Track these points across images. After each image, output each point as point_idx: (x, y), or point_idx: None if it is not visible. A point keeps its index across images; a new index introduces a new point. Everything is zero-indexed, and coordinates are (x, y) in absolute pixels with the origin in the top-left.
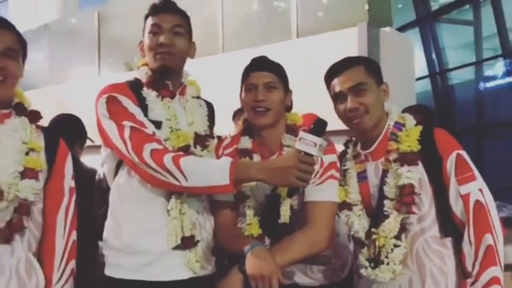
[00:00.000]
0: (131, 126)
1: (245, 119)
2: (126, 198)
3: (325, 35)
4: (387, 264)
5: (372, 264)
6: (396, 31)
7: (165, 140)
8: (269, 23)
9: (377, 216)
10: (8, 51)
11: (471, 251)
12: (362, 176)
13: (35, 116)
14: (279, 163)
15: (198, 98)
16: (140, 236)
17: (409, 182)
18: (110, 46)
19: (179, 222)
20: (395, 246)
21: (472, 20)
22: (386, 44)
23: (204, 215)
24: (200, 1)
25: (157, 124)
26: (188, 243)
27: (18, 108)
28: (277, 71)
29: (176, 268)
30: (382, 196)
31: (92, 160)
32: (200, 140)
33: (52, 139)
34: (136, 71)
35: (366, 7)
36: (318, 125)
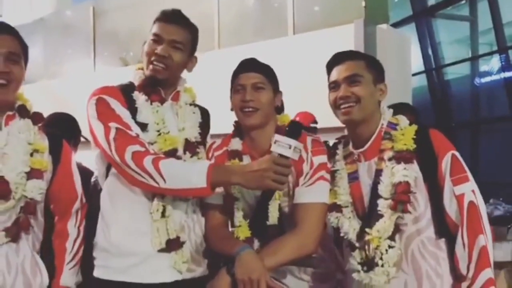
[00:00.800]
0: (117, 128)
1: (236, 121)
2: (115, 200)
3: (322, 32)
4: (382, 266)
5: (365, 268)
6: (393, 28)
7: (152, 143)
8: (265, 20)
9: (370, 217)
10: (11, 56)
11: (465, 253)
12: (353, 177)
13: (38, 118)
14: (255, 166)
15: (194, 105)
16: (127, 238)
17: (405, 180)
18: (106, 41)
19: (164, 225)
20: (390, 247)
21: (468, 16)
22: (383, 41)
23: (194, 218)
24: None
25: (144, 127)
26: (174, 246)
27: (21, 111)
28: (266, 72)
29: (163, 271)
30: (376, 196)
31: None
32: (190, 147)
33: (56, 140)
34: (132, 69)
35: (363, 4)
36: (293, 128)
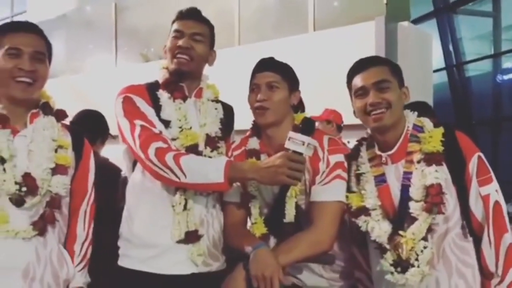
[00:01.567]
0: (141, 125)
1: (254, 120)
2: (139, 193)
3: (342, 29)
4: (418, 267)
5: (399, 269)
6: (414, 25)
7: (175, 139)
8: (286, 16)
9: (401, 219)
10: (37, 55)
11: (492, 251)
12: (381, 180)
13: (61, 115)
14: (270, 163)
15: (216, 102)
16: (149, 230)
17: (438, 182)
18: (127, 36)
19: (184, 217)
20: (424, 248)
21: (491, 11)
22: (404, 39)
23: (213, 214)
24: None
25: (167, 123)
26: (192, 238)
27: (45, 108)
28: (281, 71)
29: (181, 263)
30: (407, 198)
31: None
32: (211, 142)
33: (78, 137)
34: (152, 65)
35: (384, 1)
36: (307, 125)
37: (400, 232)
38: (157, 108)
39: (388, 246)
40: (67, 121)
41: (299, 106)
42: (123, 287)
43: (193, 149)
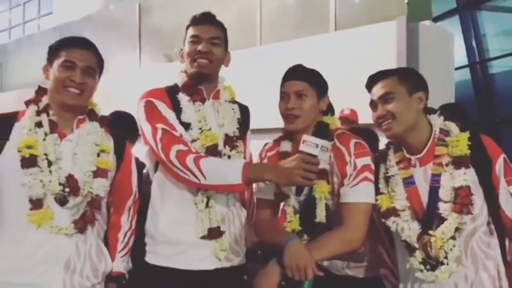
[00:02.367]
0: (163, 128)
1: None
2: (163, 193)
3: (364, 29)
4: (447, 265)
5: (428, 267)
6: (436, 24)
7: (195, 140)
8: (307, 16)
9: (430, 220)
10: (88, 69)
11: None
12: (410, 182)
13: (104, 121)
14: (285, 164)
15: (233, 102)
16: (174, 227)
17: (466, 184)
18: (151, 37)
19: (207, 215)
20: (453, 246)
21: None
22: (425, 38)
23: (233, 211)
24: None
25: (187, 125)
26: (214, 234)
27: (91, 114)
28: (310, 79)
29: (205, 259)
30: (436, 199)
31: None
32: (230, 141)
33: (120, 141)
34: (176, 65)
35: (406, 0)
36: (320, 128)
37: (430, 232)
38: (178, 111)
39: (417, 245)
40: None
41: (329, 109)
42: (151, 283)
43: (213, 149)
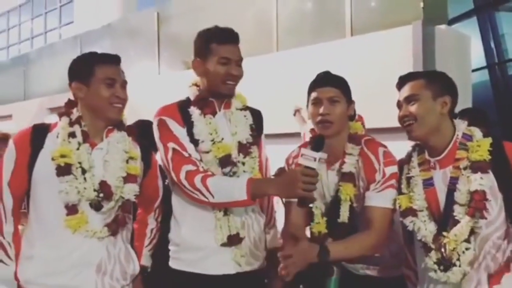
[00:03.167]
0: (173, 148)
1: (312, 129)
2: (184, 202)
3: (380, 34)
4: (459, 267)
5: (442, 267)
6: (452, 28)
7: (208, 152)
8: (323, 22)
9: (446, 221)
10: (124, 84)
11: None
12: (429, 183)
13: (131, 131)
14: (286, 178)
15: (245, 109)
16: (195, 234)
17: (482, 189)
18: (169, 45)
19: (226, 222)
20: (466, 249)
21: None
22: (442, 42)
23: (252, 217)
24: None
25: (199, 139)
26: (234, 240)
27: (119, 124)
28: (340, 86)
29: (226, 264)
30: (452, 202)
31: None
32: (243, 148)
33: (146, 150)
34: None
35: (421, 5)
36: (316, 142)
37: (444, 233)
38: (189, 125)
39: (433, 246)
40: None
41: (353, 115)
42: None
43: (226, 159)
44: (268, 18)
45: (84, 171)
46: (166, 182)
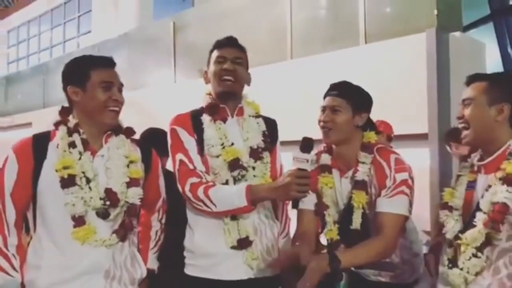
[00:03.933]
0: (180, 160)
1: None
2: (196, 210)
3: (393, 41)
4: (461, 270)
5: (450, 265)
6: (466, 35)
7: (218, 156)
8: (337, 29)
9: (469, 224)
10: (121, 86)
11: None
12: (471, 185)
13: (130, 132)
14: (281, 182)
15: (258, 117)
16: (207, 240)
17: (503, 202)
18: (185, 53)
19: (235, 226)
20: (474, 256)
21: None
22: (456, 49)
23: (265, 223)
24: (269, 8)
25: (209, 144)
26: (244, 244)
27: (117, 128)
28: (346, 96)
29: (239, 269)
30: (477, 208)
31: None
32: (254, 153)
33: (146, 150)
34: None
35: (435, 12)
36: (305, 144)
37: (459, 234)
38: (200, 132)
39: (453, 243)
40: (135, 137)
41: (368, 125)
42: None
43: (235, 163)
44: (282, 27)
45: (89, 180)
46: None
